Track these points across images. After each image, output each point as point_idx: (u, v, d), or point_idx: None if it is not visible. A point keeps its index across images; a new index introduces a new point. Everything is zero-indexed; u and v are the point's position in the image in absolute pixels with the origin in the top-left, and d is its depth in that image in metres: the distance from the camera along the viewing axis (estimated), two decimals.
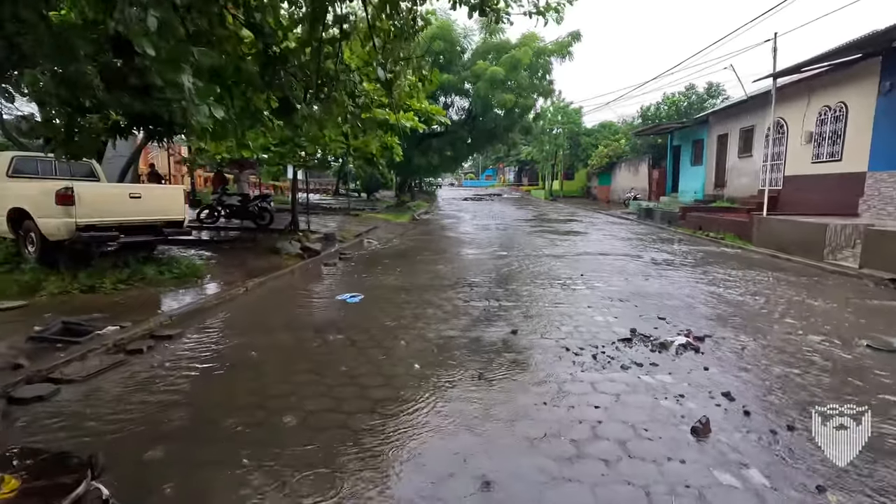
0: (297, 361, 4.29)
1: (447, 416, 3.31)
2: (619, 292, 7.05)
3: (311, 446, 2.91)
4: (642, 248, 11.87)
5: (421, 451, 2.88)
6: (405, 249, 11.70)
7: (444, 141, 23.45)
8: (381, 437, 3.02)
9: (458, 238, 14.23)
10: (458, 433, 3.09)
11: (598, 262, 9.72)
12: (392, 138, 9.46)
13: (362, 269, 8.91)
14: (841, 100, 12.32)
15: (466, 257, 10.47)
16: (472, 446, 2.93)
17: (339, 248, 11.07)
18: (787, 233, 10.55)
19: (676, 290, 7.23)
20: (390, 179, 30.87)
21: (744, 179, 17.13)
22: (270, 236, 10.78)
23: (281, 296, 6.84)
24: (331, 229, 13.69)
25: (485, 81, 19.29)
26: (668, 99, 30.00)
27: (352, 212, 19.26)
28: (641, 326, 5.31)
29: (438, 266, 9.23)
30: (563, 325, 5.40)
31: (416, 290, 7.17)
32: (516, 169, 61.84)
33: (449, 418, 3.27)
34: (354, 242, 12.35)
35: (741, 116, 17.32)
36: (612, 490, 2.53)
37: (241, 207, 12.88)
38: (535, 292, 7.04)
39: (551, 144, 38.84)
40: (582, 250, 11.54)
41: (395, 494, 2.49)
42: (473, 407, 3.44)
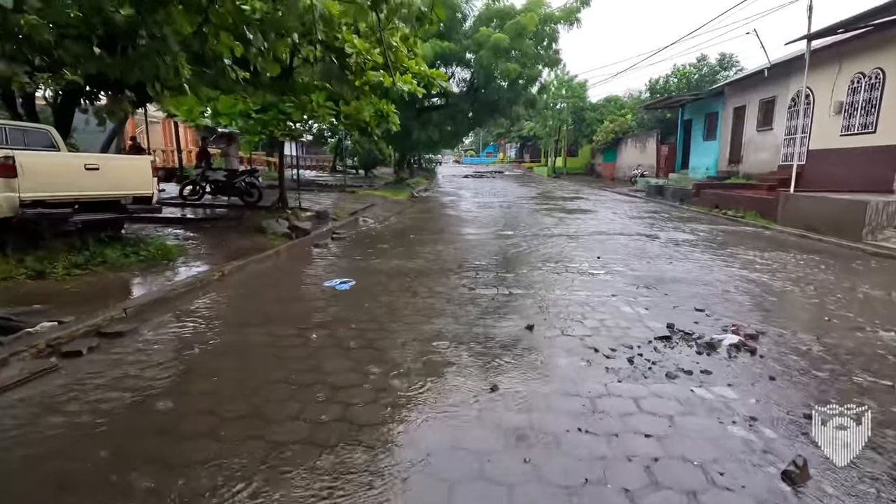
0: (269, 370, 3.51)
1: (451, 455, 2.54)
2: (644, 278, 6.24)
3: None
4: (658, 228, 11.03)
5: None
6: (403, 229, 10.86)
7: (445, 114, 22.36)
8: (360, 485, 2.25)
9: (460, 217, 13.37)
10: (468, 485, 2.32)
11: (614, 243, 8.90)
12: (388, 106, 8.52)
13: (356, 251, 8.09)
14: (878, 66, 11.32)
15: (469, 237, 9.65)
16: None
17: (332, 228, 10.22)
18: (819, 211, 9.70)
19: (707, 276, 6.43)
20: (389, 156, 29.83)
21: (762, 154, 16.18)
22: (257, 214, 9.93)
23: (261, 282, 6.04)
24: (324, 207, 12.82)
25: (488, 50, 18.10)
26: (678, 71, 28.74)
27: (348, 188, 18.34)
28: (678, 320, 4.53)
29: (439, 247, 8.41)
30: (586, 319, 4.61)
31: (415, 274, 6.36)
32: (518, 145, 60.45)
33: (454, 459, 2.50)
34: (349, 221, 11.50)
35: (761, 87, 16.25)
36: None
37: (227, 183, 11.98)
38: (549, 278, 6.23)
39: (555, 119, 37.57)
40: (594, 229, 10.71)
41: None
42: (486, 439, 2.66)
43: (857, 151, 11.76)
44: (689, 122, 22.02)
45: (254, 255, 7.07)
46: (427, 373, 3.44)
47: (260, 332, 4.21)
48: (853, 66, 12.03)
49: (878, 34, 11.09)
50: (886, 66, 11.05)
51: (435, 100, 24.40)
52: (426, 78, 8.39)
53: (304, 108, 7.45)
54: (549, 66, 20.35)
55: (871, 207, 8.40)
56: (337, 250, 8.16)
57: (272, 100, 7.72)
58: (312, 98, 7.45)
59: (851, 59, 12.11)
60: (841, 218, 9.04)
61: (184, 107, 6.94)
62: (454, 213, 14.55)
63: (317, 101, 7.43)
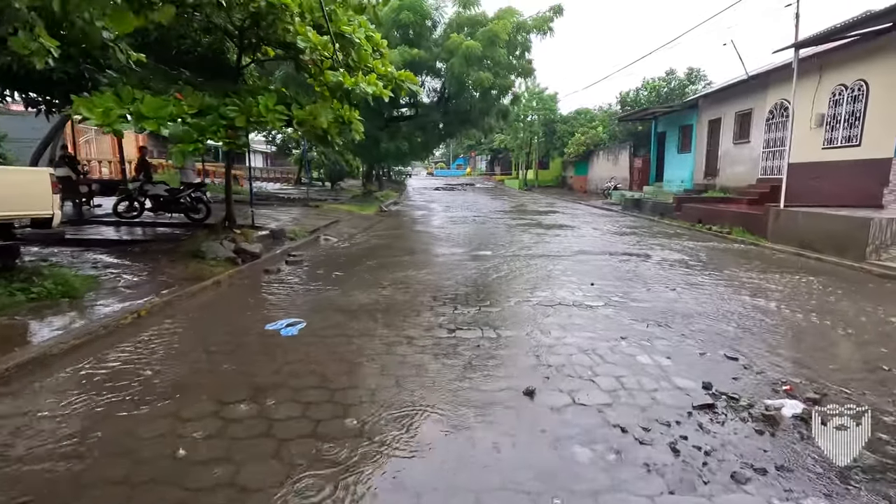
0: (159, 481, 2.36)
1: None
2: (650, 311, 5.35)
3: None
4: (645, 246, 10.29)
5: None
6: (370, 248, 9.75)
7: (415, 125, 21.45)
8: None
9: (432, 234, 12.35)
10: None
11: (604, 265, 8.05)
12: (350, 111, 7.46)
13: (313, 278, 6.94)
14: (860, 77, 11.01)
15: (444, 259, 8.62)
16: None
17: (288, 249, 9.02)
18: (814, 228, 9.14)
19: (718, 307, 5.59)
20: (356, 168, 28.68)
21: (739, 167, 15.86)
22: (200, 235, 8.64)
23: (188, 326, 4.83)
24: (282, 224, 11.58)
25: (459, 58, 17.31)
26: (647, 84, 28.77)
27: (311, 202, 17.11)
28: (713, 375, 3.61)
29: (410, 272, 7.35)
30: (598, 376, 3.63)
31: (381, 311, 5.28)
32: (489, 158, 60.19)
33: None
34: (309, 240, 10.31)
35: (737, 99, 15.99)
36: None
37: (170, 198, 10.62)
38: (541, 313, 5.26)
39: (525, 132, 37.30)
40: (577, 248, 9.87)
41: None
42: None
43: (842, 165, 11.40)
44: (663, 134, 21.78)
45: (187, 288, 5.84)
46: (388, 487, 2.37)
47: (161, 414, 3.04)
48: (834, 78, 11.73)
49: (862, 45, 10.79)
50: (870, 78, 10.75)
51: (404, 110, 23.49)
52: (394, 80, 7.38)
53: (249, 112, 6.31)
54: (523, 76, 19.77)
55: (875, 225, 7.84)
56: (291, 277, 6.98)
57: (212, 102, 6.55)
58: (259, 101, 6.32)
59: (832, 70, 11.82)
60: (840, 235, 8.47)
61: (98, 109, 5.68)
62: (426, 229, 13.52)
63: (264, 105, 6.29)
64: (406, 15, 17.91)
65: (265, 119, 6.33)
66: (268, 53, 7.94)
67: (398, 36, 18.43)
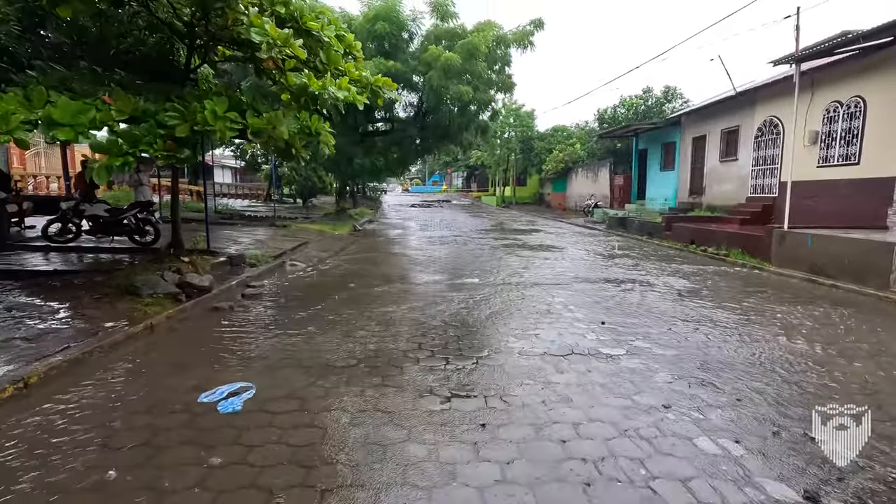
0: None
1: None
2: (683, 361, 4.42)
3: None
4: (643, 271, 9.48)
5: None
6: (341, 276, 8.62)
7: (391, 140, 20.53)
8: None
9: (411, 257, 11.29)
10: None
11: (607, 296, 7.14)
12: (318, 122, 6.41)
13: (270, 319, 5.78)
14: (857, 94, 10.60)
15: (425, 289, 7.58)
16: None
17: (247, 279, 7.82)
18: (827, 252, 8.48)
19: (757, 353, 4.70)
20: (329, 184, 27.49)
21: (727, 186, 15.41)
22: (141, 264, 7.38)
23: (89, 400, 3.62)
24: (243, 247, 10.35)
25: (438, 70, 16.51)
26: (625, 102, 28.70)
27: (279, 222, 15.84)
28: (811, 472, 2.65)
29: (387, 308, 6.27)
30: (656, 479, 2.62)
31: (353, 367, 4.19)
32: (465, 174, 59.73)
33: None
34: (272, 267, 9.11)
35: (723, 116, 15.63)
36: None
37: (111, 219, 9.28)
38: (554, 368, 4.26)
39: (503, 148, 36.84)
40: (572, 274, 8.97)
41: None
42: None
43: (840, 184, 10.93)
44: (645, 151, 21.42)
45: (107, 339, 4.62)
46: None
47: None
48: (827, 95, 11.33)
49: (857, 61, 10.41)
50: (868, 95, 10.34)
51: (380, 124, 22.56)
52: (370, 86, 6.38)
53: (193, 119, 5.20)
54: (503, 91, 19.11)
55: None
56: (245, 318, 5.81)
57: (149, 107, 5.41)
58: (206, 106, 5.22)
59: (825, 87, 11.43)
60: (858, 261, 7.82)
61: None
62: (404, 251, 12.45)
63: (211, 111, 5.19)
64: (382, 25, 17.07)
65: (213, 128, 5.22)
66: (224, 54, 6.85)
67: (373, 47, 17.54)
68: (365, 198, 37.20)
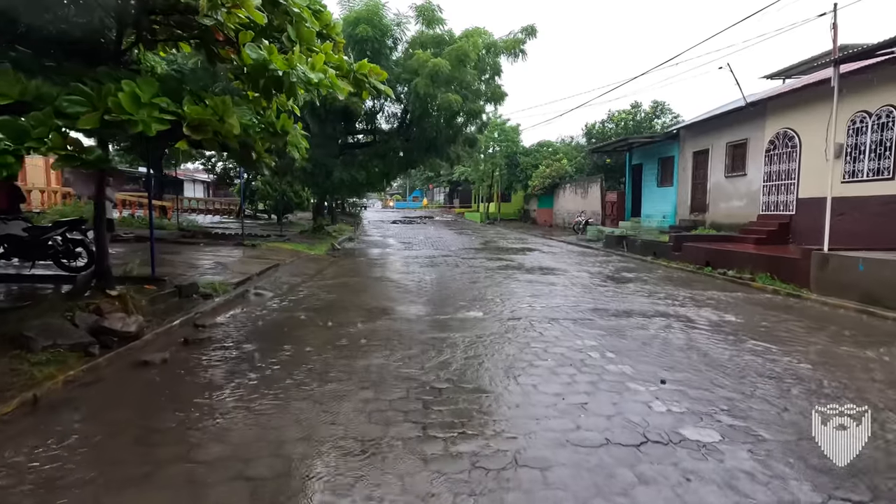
0: None
1: None
2: (810, 453, 3.06)
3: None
4: (669, 299, 8.21)
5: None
6: (314, 312, 7.09)
7: (373, 152, 19.14)
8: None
9: (397, 283, 9.81)
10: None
11: (647, 337, 5.80)
12: (285, 118, 4.98)
13: (212, 383, 4.23)
14: (888, 103, 9.70)
15: (419, 328, 6.12)
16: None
17: (196, 316, 6.23)
18: (883, 279, 7.34)
19: (891, 441, 3.39)
20: (307, 199, 25.88)
21: (735, 203, 14.44)
22: (45, 303, 5.74)
23: None
24: (198, 273, 8.74)
25: (425, 78, 15.27)
26: (614, 116, 28.04)
27: (247, 241, 14.17)
28: None
29: (374, 360, 4.79)
30: None
31: (330, 465, 2.70)
32: (447, 190, 58.65)
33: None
34: (231, 298, 7.54)
35: (728, 129, 14.73)
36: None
37: (30, 240, 7.59)
38: (632, 475, 2.84)
39: (487, 164, 35.80)
40: (590, 305, 7.64)
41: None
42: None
43: (871, 201, 9.95)
44: (640, 166, 20.50)
45: None
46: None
47: None
48: (853, 105, 10.42)
49: (886, 68, 9.52)
50: None
51: (360, 136, 21.18)
52: (352, 73, 4.99)
53: (105, 106, 3.73)
54: (493, 102, 17.96)
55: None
56: (179, 380, 4.25)
57: (48, 90, 3.90)
58: (124, 88, 3.74)
59: (850, 96, 10.52)
60: None
61: None
62: (388, 274, 10.96)
63: (130, 95, 3.72)
64: (364, 29, 15.79)
65: (132, 117, 3.73)
66: (159, 30, 5.37)
67: (354, 54, 16.24)
68: (344, 214, 35.58)
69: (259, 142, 4.96)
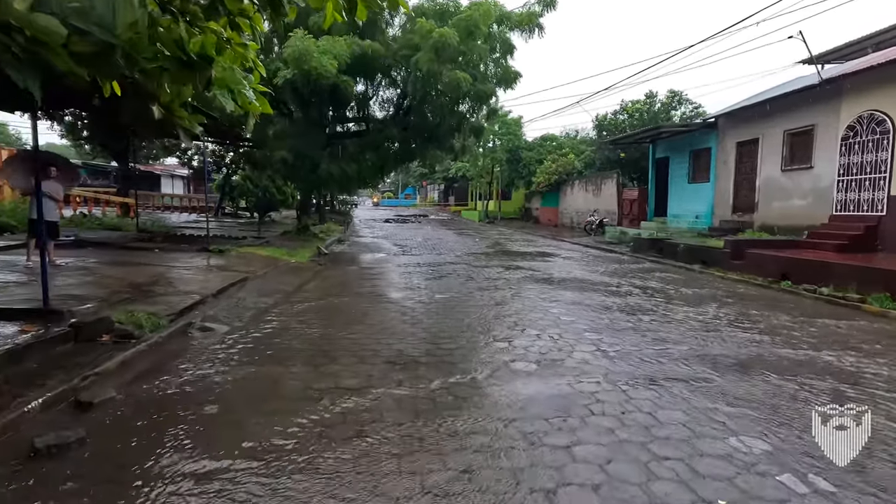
0: None
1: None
2: None
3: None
4: (769, 333, 5.94)
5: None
6: (282, 362, 4.69)
7: (365, 143, 16.75)
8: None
9: (399, 304, 7.43)
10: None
11: (806, 413, 3.50)
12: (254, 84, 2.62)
13: None
14: None
15: (449, 403, 3.77)
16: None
17: (78, 384, 3.80)
18: None
19: None
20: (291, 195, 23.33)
21: (795, 201, 12.25)
22: None
23: None
24: (128, 296, 6.28)
25: (428, 51, 12.84)
26: (627, 107, 25.86)
27: (213, 246, 11.67)
28: None
29: (378, 498, 2.43)
30: None
31: None
32: (442, 187, 56.22)
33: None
34: (162, 339, 5.10)
35: (785, 114, 12.53)
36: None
37: None
38: None
39: (486, 159, 33.43)
40: (681, 346, 5.33)
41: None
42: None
43: None
44: (665, 160, 18.28)
45: None
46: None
47: None
48: None
49: None
50: None
51: (351, 124, 18.72)
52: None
53: None
54: (506, 85, 15.54)
55: None
56: None
57: None
58: None
59: None
60: None
61: None
62: (386, 291, 8.56)
63: None
64: None
65: None
66: None
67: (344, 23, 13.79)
68: (333, 212, 32.99)
69: (164, 76, 2.56)
